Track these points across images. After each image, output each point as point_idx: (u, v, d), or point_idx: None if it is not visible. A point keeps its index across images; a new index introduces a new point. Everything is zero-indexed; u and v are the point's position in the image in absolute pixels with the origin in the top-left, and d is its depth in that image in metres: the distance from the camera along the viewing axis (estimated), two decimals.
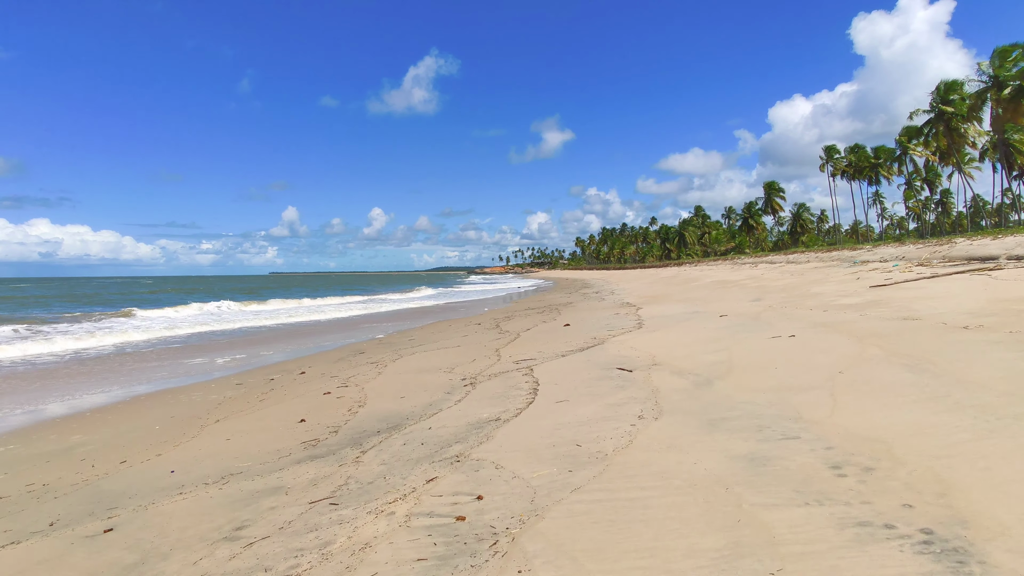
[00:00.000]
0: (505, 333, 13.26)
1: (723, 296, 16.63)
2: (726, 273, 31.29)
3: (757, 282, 19.91)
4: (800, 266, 24.93)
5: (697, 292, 19.99)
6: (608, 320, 13.50)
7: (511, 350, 9.84)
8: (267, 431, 5.52)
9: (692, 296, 18.25)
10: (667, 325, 10.83)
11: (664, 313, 13.47)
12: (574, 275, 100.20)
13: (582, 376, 6.45)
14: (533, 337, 11.62)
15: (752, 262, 37.52)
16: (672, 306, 15.47)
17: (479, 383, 6.90)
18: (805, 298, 12.67)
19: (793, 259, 29.22)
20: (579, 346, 9.17)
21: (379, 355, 11.15)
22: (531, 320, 16.28)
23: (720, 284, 22.60)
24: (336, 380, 8.30)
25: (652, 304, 17.20)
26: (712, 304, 14.31)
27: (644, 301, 19.06)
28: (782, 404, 4.37)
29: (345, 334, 16.62)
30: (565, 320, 14.90)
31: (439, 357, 9.99)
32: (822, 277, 17.58)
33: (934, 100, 39.03)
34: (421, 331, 16.26)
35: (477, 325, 16.35)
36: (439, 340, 13.04)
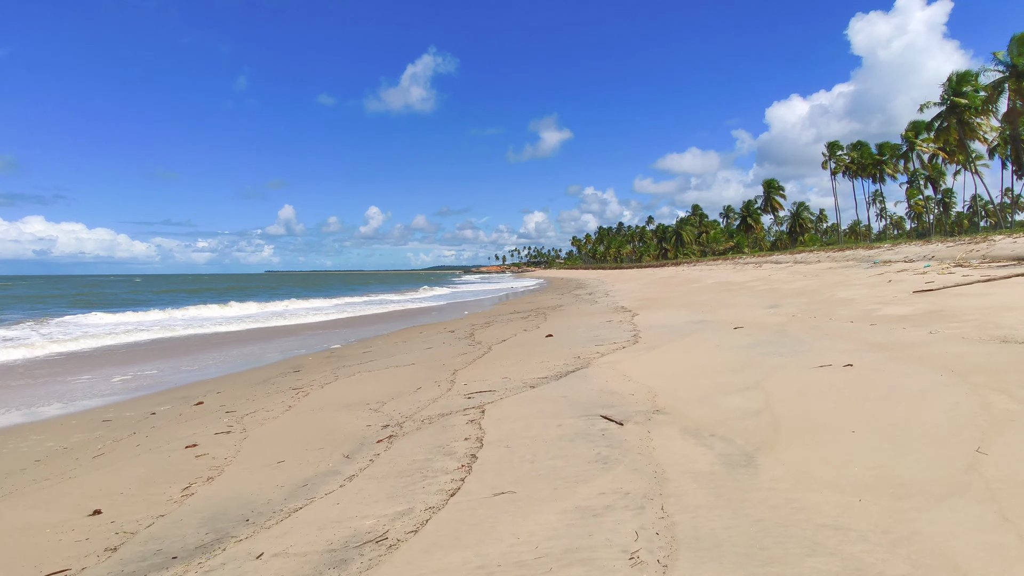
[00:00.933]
0: (476, 345, 11.13)
1: (731, 301, 14.54)
2: (728, 274, 29.22)
3: (766, 284, 17.83)
4: (811, 266, 22.88)
5: (700, 295, 17.89)
6: (598, 329, 11.38)
7: (472, 372, 7.71)
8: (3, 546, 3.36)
9: (695, 300, 16.16)
10: (669, 339, 8.71)
11: (665, 322, 11.36)
12: (569, 275, 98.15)
13: (549, 430, 4.33)
14: (506, 352, 9.49)
15: (755, 262, 35.47)
16: (673, 312, 13.37)
17: (402, 435, 4.77)
18: (833, 305, 10.58)
19: (801, 259, 27.16)
20: (556, 370, 7.05)
21: (313, 375, 9.01)
22: (511, 327, 14.15)
23: (724, 286, 20.51)
24: (227, 419, 6.15)
25: (650, 309, 15.09)
26: (720, 311, 12.20)
27: (641, 305, 16.95)
28: (915, 543, 2.24)
29: (301, 342, 14.47)
30: (549, 328, 12.79)
31: (380, 381, 7.85)
32: (842, 279, 15.51)
33: (945, 92, 37.02)
34: (385, 340, 14.12)
35: (450, 333, 14.23)
36: (396, 354, 10.91)
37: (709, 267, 41.05)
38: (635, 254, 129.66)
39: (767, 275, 22.60)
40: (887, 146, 57.31)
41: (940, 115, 38.04)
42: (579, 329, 11.96)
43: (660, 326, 10.71)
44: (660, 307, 15.43)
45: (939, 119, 38.39)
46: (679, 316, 12.20)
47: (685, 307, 14.44)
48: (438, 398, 6.22)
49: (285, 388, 7.97)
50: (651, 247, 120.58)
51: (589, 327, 12.10)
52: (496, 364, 8.27)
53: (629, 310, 15.56)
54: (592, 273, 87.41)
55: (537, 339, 11.06)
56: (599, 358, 7.63)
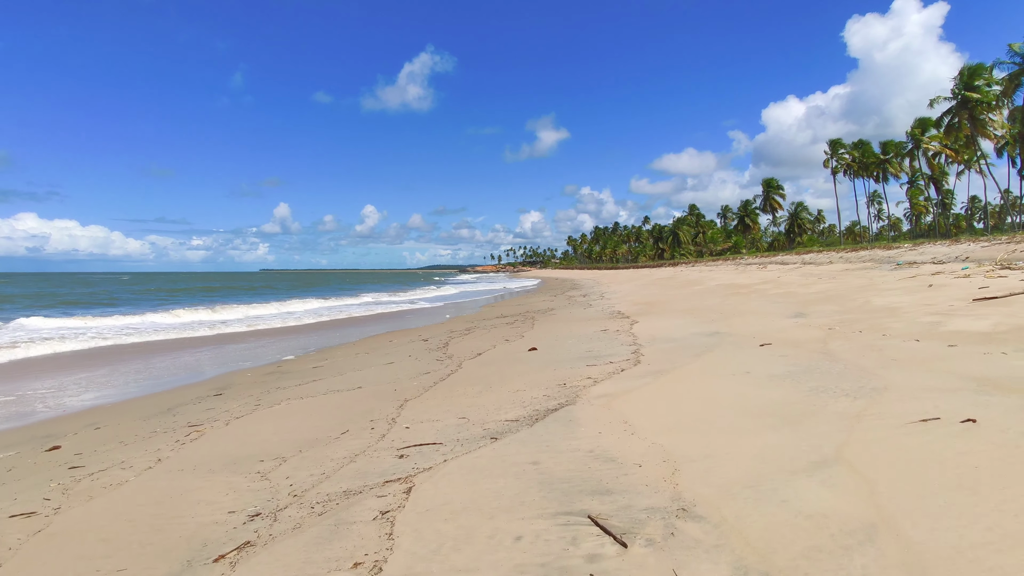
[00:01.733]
0: (445, 360, 9.31)
1: (743, 307, 12.75)
2: (731, 275, 27.47)
3: (780, 287, 16.06)
4: (822, 268, 21.16)
5: (705, 299, 16.10)
6: (591, 341, 9.56)
7: (424, 405, 5.88)
8: None
9: (701, 305, 14.36)
10: (678, 359, 6.90)
11: (670, 333, 9.55)
12: (564, 275, 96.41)
13: (500, 550, 2.50)
14: (476, 373, 7.66)
15: (758, 263, 33.73)
16: (677, 320, 11.57)
17: (264, 544, 2.92)
18: (875, 315, 8.79)
19: (810, 259, 25.40)
20: (532, 406, 5.21)
21: (233, 401, 7.16)
22: (492, 336, 12.33)
23: (730, 289, 18.73)
24: (59, 482, 4.31)
25: (650, 315, 13.29)
26: (734, 320, 10.41)
27: (640, 310, 15.15)
28: None
29: (253, 351, 12.59)
30: (535, 338, 10.97)
31: (304, 415, 6.00)
32: (867, 282, 13.76)
33: (957, 86, 35.37)
34: (347, 350, 12.26)
35: (423, 342, 12.39)
36: (349, 371, 9.06)
37: (709, 268, 39.31)
38: (631, 254, 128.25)
39: (775, 277, 20.85)
40: (891, 144, 55.79)
41: (950, 110, 36.43)
42: (569, 341, 10.13)
43: (665, 339, 8.89)
44: (662, 313, 13.62)
45: (949, 114, 36.78)
46: (686, 325, 10.39)
47: (690, 313, 12.64)
48: (360, 453, 4.37)
49: (182, 424, 6.10)
50: (647, 247, 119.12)
51: (581, 338, 10.28)
52: (459, 392, 6.43)
53: (627, 316, 13.75)
54: (587, 273, 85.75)
55: (518, 353, 9.23)
56: (590, 387, 5.80)
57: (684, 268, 47.35)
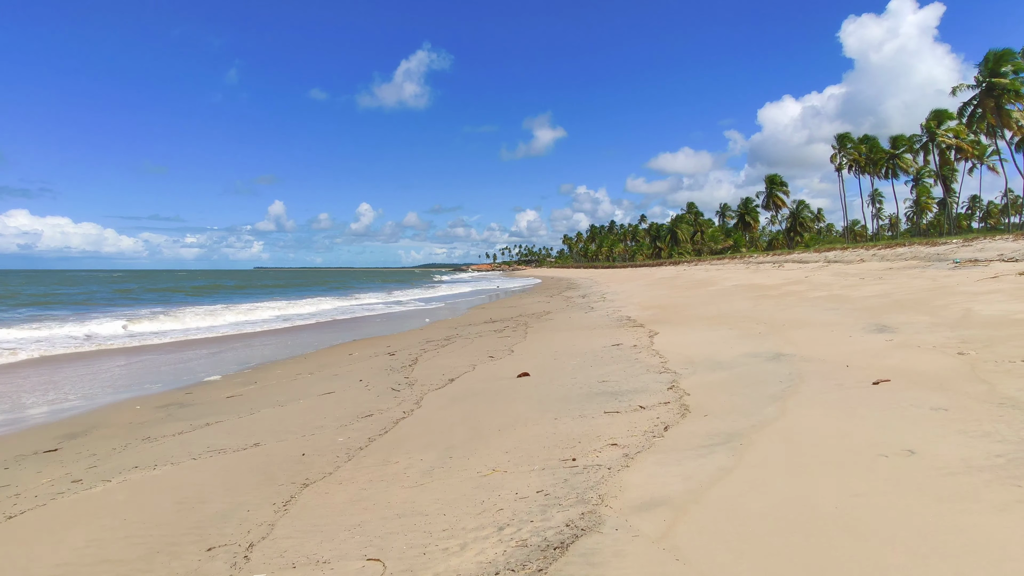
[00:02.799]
0: (400, 391, 6.77)
1: (789, 314, 10.24)
2: (745, 274, 25.00)
3: (818, 290, 13.56)
4: (854, 266, 18.72)
5: (729, 302, 13.60)
6: (601, 364, 7.03)
7: (319, 509, 3.32)
8: None
9: (729, 311, 11.85)
10: (748, 405, 4.39)
11: (710, 353, 7.02)
12: (560, 274, 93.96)
13: None
14: (431, 425, 5.11)
15: (772, 261, 31.24)
16: (709, 331, 9.05)
17: None
18: (1003, 328, 6.28)
19: (834, 257, 22.93)
20: (516, 536, 2.67)
21: (48, 474, 4.57)
22: (473, 350, 9.79)
23: (754, 291, 16.23)
24: None
25: (670, 324, 10.77)
26: (791, 334, 7.89)
27: (654, 316, 12.63)
28: None
29: (176, 367, 9.89)
30: (526, 355, 8.43)
31: (116, 516, 3.42)
32: (933, 284, 11.29)
33: (981, 73, 33.04)
34: (286, 369, 9.68)
35: (388, 358, 9.86)
36: (264, 407, 6.49)
37: (716, 267, 36.82)
38: (628, 253, 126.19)
39: (803, 277, 18.38)
40: (901, 139, 53.65)
41: (974, 98, 34.11)
42: (572, 361, 7.58)
43: (708, 363, 6.36)
44: (684, 321, 11.10)
45: (972, 103, 34.46)
46: (726, 340, 7.86)
47: (722, 322, 10.12)
48: None
49: None
50: (644, 246, 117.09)
51: (588, 357, 7.74)
52: (398, 466, 3.88)
53: (640, 324, 11.21)
54: (584, 272, 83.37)
55: (503, 380, 6.68)
56: (618, 472, 3.26)
57: (687, 267, 44.91)
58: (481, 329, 13.90)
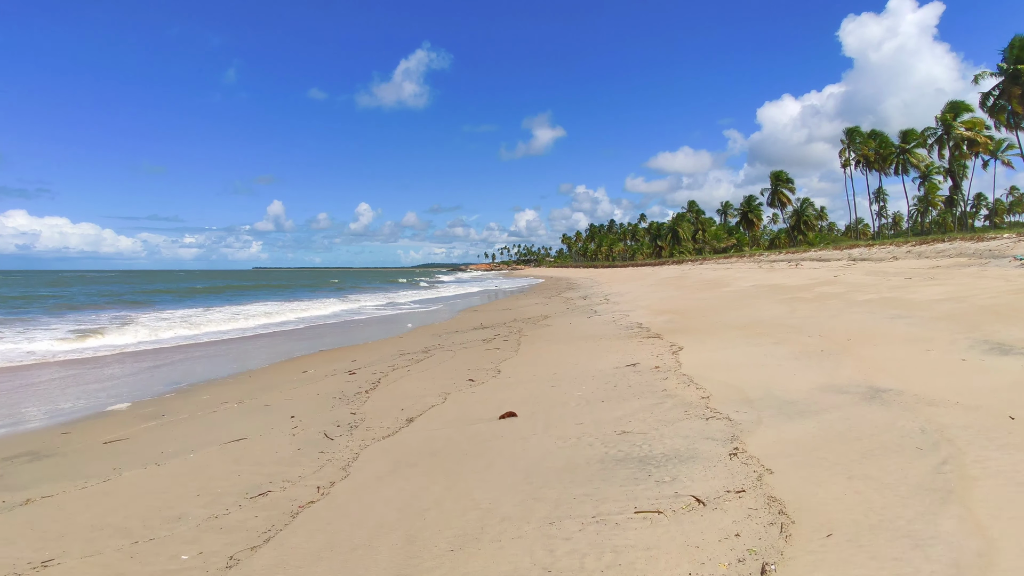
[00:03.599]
0: (335, 439, 4.81)
1: (843, 323, 8.29)
2: (759, 274, 23.06)
3: (863, 292, 11.60)
4: (887, 264, 16.80)
5: (756, 307, 11.65)
6: (618, 400, 5.08)
7: None
8: None
9: (763, 318, 9.91)
10: (903, 513, 2.47)
11: (769, 383, 5.07)
12: (560, 273, 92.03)
13: None
14: (356, 507, 3.14)
15: (787, 260, 29.26)
16: (750, 346, 7.10)
17: None
18: None
19: (860, 255, 20.97)
20: None
21: None
22: (451, 370, 7.83)
23: (779, 293, 14.28)
24: None
25: (693, 334, 8.82)
26: (865, 351, 5.94)
27: (668, 322, 10.69)
28: None
29: (96, 387, 7.85)
30: (516, 378, 6.49)
31: None
32: (1005, 284, 9.37)
33: (1006, 60, 31.14)
34: (214, 393, 7.71)
35: (345, 380, 7.93)
36: (134, 464, 4.53)
37: (723, 266, 34.83)
38: (628, 252, 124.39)
39: (830, 276, 16.45)
40: (912, 133, 51.72)
41: (997, 86, 32.20)
42: (574, 391, 5.63)
43: (770, 399, 4.42)
44: (710, 330, 9.14)
45: (994, 92, 32.56)
46: (779, 362, 5.92)
47: (759, 332, 8.16)
48: None
49: None
50: (644, 245, 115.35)
51: (596, 384, 5.78)
52: None
53: (656, 334, 9.26)
54: (583, 272, 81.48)
55: (479, 426, 4.73)
56: None
57: (691, 266, 42.94)
58: (468, 338, 11.96)
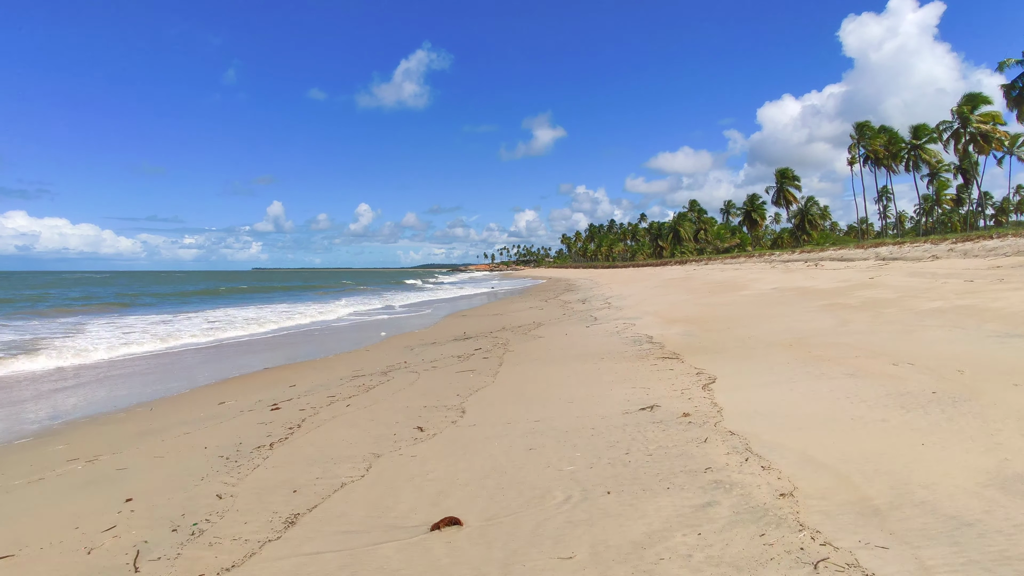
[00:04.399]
0: (169, 550, 2.72)
1: (929, 340, 6.26)
2: (777, 275, 21.01)
3: (928, 299, 9.54)
4: (928, 264, 14.80)
5: (795, 316, 9.60)
6: (628, 474, 3.03)
7: None
8: None
9: (808, 331, 7.85)
10: None
11: (890, 465, 3.04)
12: (558, 274, 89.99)
13: None
14: None
15: (803, 259, 27.18)
16: (816, 379, 5.06)
17: None
18: None
19: (890, 253, 18.93)
20: None
21: None
22: (404, 404, 5.76)
23: (812, 297, 12.23)
24: None
25: (724, 354, 6.77)
26: (1007, 395, 3.87)
27: (688, 337, 8.64)
28: None
29: None
30: (476, 434, 4.45)
31: None
32: None
33: None
34: (69, 443, 5.62)
35: (263, 416, 5.88)
36: None
37: (732, 266, 32.75)
38: (628, 253, 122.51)
39: (865, 279, 14.41)
40: (924, 128, 49.78)
41: None
42: (564, 452, 3.56)
43: (938, 521, 2.38)
44: (744, 349, 7.07)
45: (1019, 82, 30.60)
46: (879, 409, 3.89)
47: (817, 355, 6.12)
48: None
49: None
50: (645, 245, 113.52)
51: (599, 439, 3.72)
52: None
53: (674, 353, 7.20)
54: (583, 273, 79.46)
55: (401, 537, 2.67)
56: None
57: (696, 266, 40.85)
58: (443, 352, 9.91)
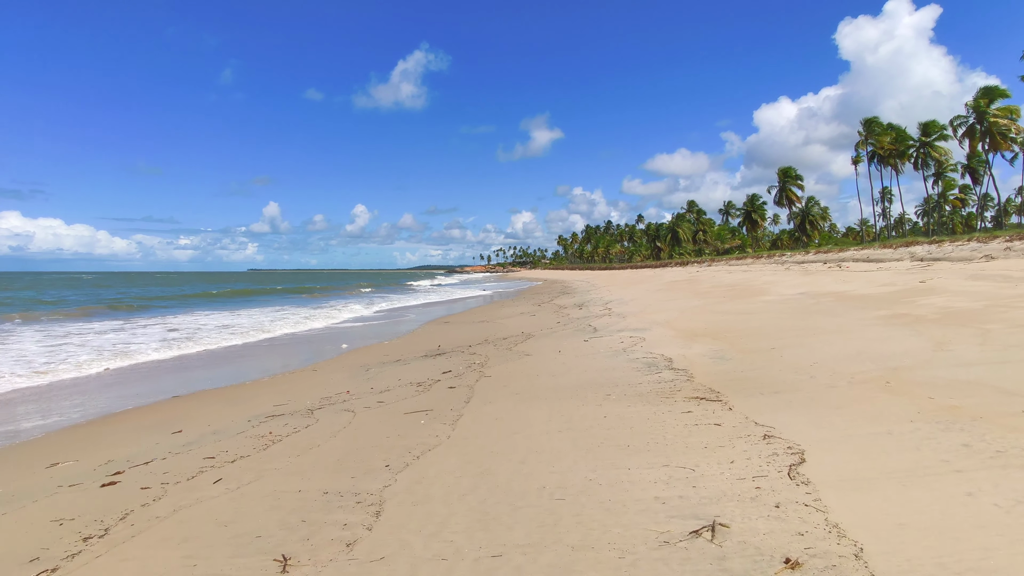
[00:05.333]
0: None
1: None
2: (795, 277, 18.87)
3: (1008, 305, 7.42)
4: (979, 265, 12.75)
5: (861, 333, 7.42)
6: None
7: None
8: None
9: (895, 354, 5.66)
10: None
11: None
12: (554, 275, 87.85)
13: None
14: None
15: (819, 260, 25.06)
16: (1012, 473, 2.87)
17: None
18: None
19: (928, 253, 16.80)
20: None
21: None
22: (303, 478, 3.48)
23: (859, 305, 10.06)
24: None
25: (789, 394, 4.59)
26: None
27: (723, 364, 6.46)
28: None
29: None
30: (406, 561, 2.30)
31: None
32: None
33: None
34: None
35: (93, 496, 3.58)
36: None
37: (740, 267, 30.63)
38: (625, 254, 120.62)
39: (915, 282, 12.28)
40: (934, 125, 47.89)
41: None
42: None
43: None
44: (814, 388, 4.87)
45: None
46: None
47: (950, 410, 3.95)
48: None
49: None
50: (642, 247, 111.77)
51: None
52: None
53: (710, 388, 5.00)
54: (580, 275, 77.27)
55: None
56: None
57: (699, 268, 38.72)
58: (398, 378, 7.67)
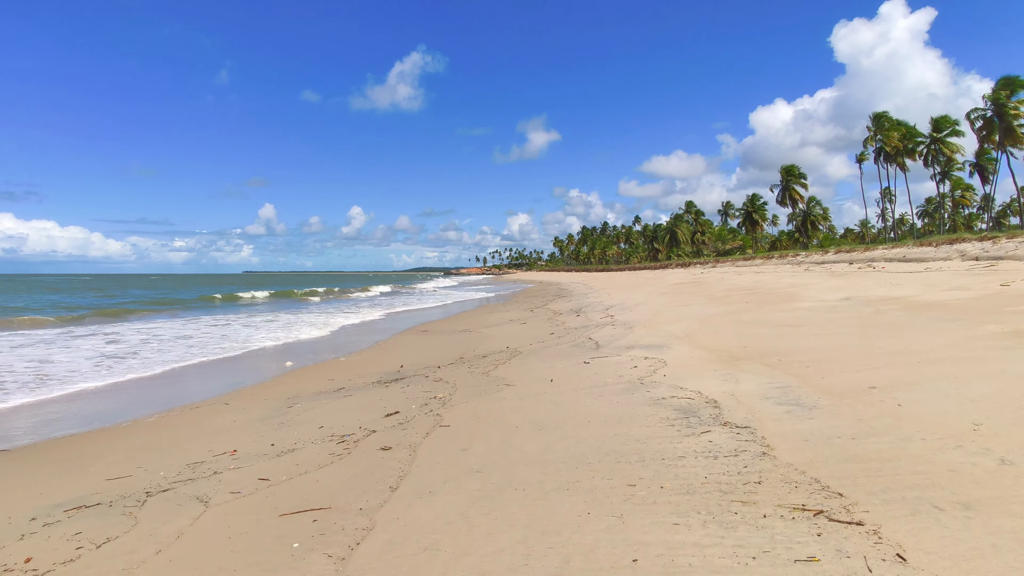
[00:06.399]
0: None
1: None
2: (824, 279, 16.70)
3: None
4: None
5: (978, 353, 5.23)
6: None
7: None
8: None
9: None
10: None
11: None
12: (550, 277, 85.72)
13: None
14: None
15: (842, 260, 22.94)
16: None
17: None
18: None
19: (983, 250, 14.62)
20: None
21: None
22: None
23: (947, 316, 7.91)
24: None
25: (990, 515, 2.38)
26: None
27: (818, 431, 4.27)
28: None
29: None
30: None
31: None
32: None
33: None
34: None
35: None
36: None
37: (751, 268, 28.45)
38: (622, 256, 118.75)
39: (995, 285, 10.12)
40: (945, 120, 45.99)
41: None
42: None
43: None
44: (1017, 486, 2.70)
45: None
46: None
47: None
48: None
49: None
50: (639, 248, 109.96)
51: None
52: None
53: (826, 488, 2.82)
54: (576, 276, 75.05)
55: None
56: None
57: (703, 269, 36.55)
58: (328, 421, 5.43)
